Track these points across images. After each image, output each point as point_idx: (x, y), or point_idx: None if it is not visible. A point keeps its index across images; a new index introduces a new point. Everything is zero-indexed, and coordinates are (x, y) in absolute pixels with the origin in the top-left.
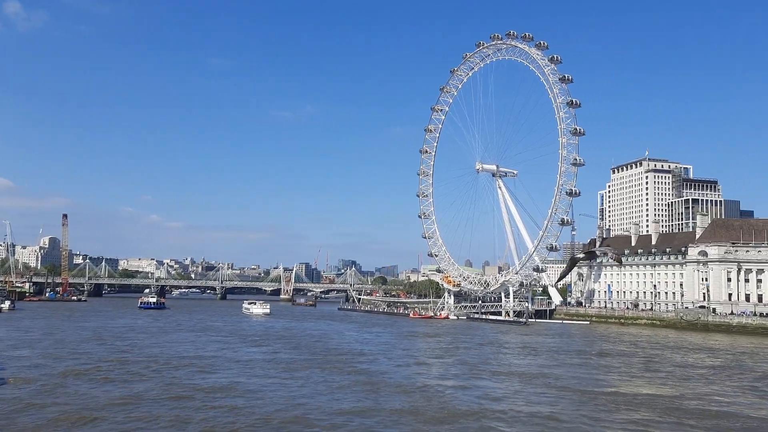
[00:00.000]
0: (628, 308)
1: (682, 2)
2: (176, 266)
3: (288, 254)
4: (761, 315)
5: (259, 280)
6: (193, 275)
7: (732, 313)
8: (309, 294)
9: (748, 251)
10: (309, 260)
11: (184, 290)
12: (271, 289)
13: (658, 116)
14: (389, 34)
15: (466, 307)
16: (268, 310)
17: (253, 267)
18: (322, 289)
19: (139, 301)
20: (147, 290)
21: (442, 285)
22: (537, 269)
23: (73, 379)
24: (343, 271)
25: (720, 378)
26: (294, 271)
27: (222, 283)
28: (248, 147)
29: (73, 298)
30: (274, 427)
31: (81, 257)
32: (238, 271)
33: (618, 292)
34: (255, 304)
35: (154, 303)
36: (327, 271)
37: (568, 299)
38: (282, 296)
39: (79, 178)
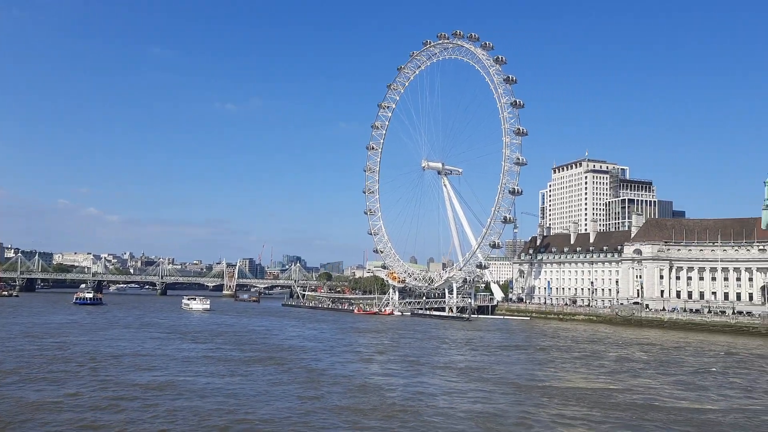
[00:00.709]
0: (566, 304)
1: (622, 4)
2: (114, 261)
3: (231, 249)
4: (690, 311)
5: (201, 276)
6: (132, 270)
7: (664, 309)
8: (252, 290)
9: (679, 250)
10: (253, 256)
11: (122, 286)
12: (214, 284)
13: (599, 117)
14: (338, 30)
15: (410, 303)
16: (208, 306)
17: (194, 262)
18: (266, 285)
19: (75, 296)
20: (83, 285)
21: (387, 281)
22: (480, 266)
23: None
24: (287, 266)
25: (648, 371)
26: (237, 267)
27: (162, 278)
28: (190, 139)
29: (3, 293)
30: (213, 426)
31: (12, 251)
32: (179, 267)
33: (557, 288)
34: (195, 299)
35: (90, 299)
36: (271, 266)
37: (510, 295)
38: (225, 292)
39: (10, 169)
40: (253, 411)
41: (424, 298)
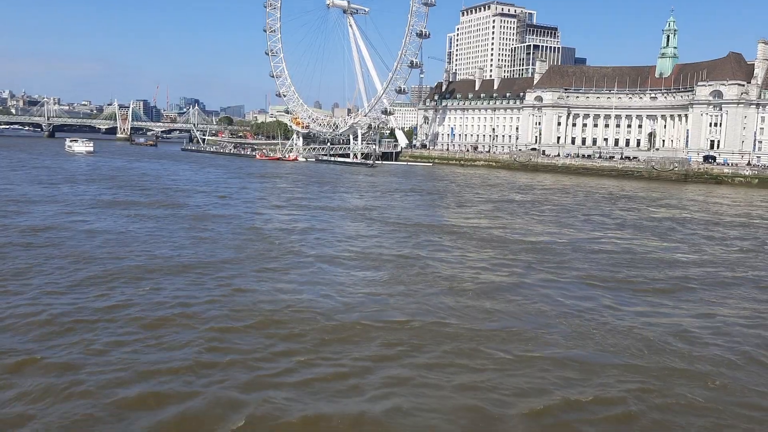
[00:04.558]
0: (468, 151)
1: None
2: None
3: (123, 90)
4: (583, 156)
5: (91, 118)
6: (13, 111)
7: (559, 155)
8: (149, 133)
9: (578, 97)
10: (147, 97)
11: (3, 127)
12: (107, 127)
13: None
14: None
15: (314, 149)
16: (91, 148)
17: (83, 103)
18: (164, 129)
19: None
20: None
21: (291, 127)
22: (385, 112)
23: None
24: (185, 110)
25: (528, 211)
26: (131, 109)
27: (49, 119)
28: None
29: None
30: (92, 260)
31: None
32: (67, 107)
33: (461, 135)
34: (77, 141)
35: None
36: (168, 109)
37: (414, 142)
38: (119, 135)
39: None
40: (133, 249)
41: (329, 144)
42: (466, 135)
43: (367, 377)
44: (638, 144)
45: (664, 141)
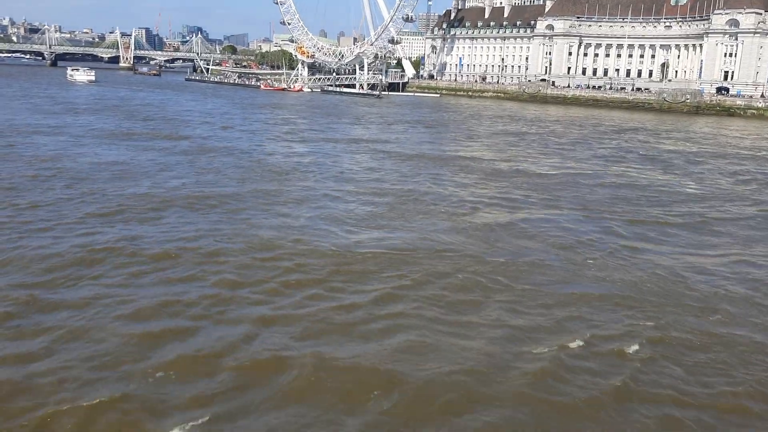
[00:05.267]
0: (476, 82)
1: None
2: None
3: (125, 17)
4: (594, 88)
5: (93, 46)
6: (15, 39)
7: (568, 87)
8: (152, 62)
9: (590, 26)
10: (149, 25)
11: (5, 56)
12: (109, 56)
13: None
14: None
15: (320, 79)
16: (93, 77)
17: (85, 30)
18: (167, 58)
19: None
20: None
21: (296, 56)
22: (392, 41)
23: None
24: (188, 38)
25: (533, 143)
26: (133, 37)
27: (51, 48)
28: None
29: None
30: (98, 191)
31: None
32: (69, 35)
33: (469, 65)
34: (78, 70)
35: None
36: (171, 38)
37: (421, 72)
38: (122, 64)
39: None
40: (144, 184)
41: (335, 74)
42: (474, 65)
43: (372, 310)
44: (650, 75)
45: (677, 72)
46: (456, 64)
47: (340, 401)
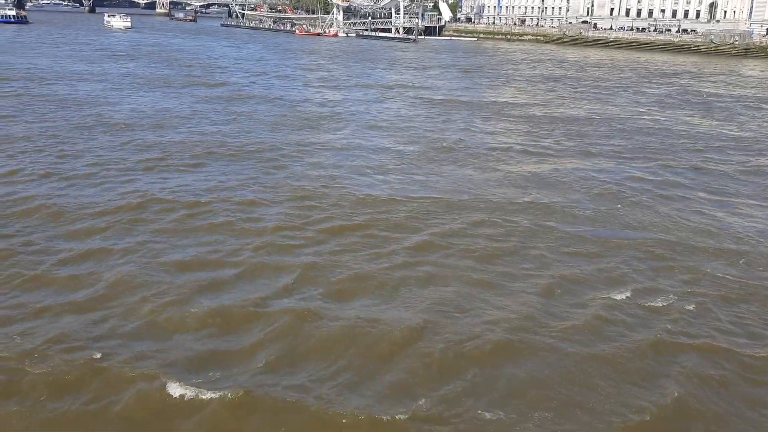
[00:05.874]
0: (515, 25)
1: None
2: None
3: None
4: (638, 29)
5: None
6: None
7: (611, 29)
8: (188, 8)
9: None
10: None
11: (44, 2)
12: (146, 1)
13: None
14: None
15: (355, 23)
16: (129, 23)
17: None
18: (203, 3)
19: None
20: (1, 1)
21: (331, 0)
22: None
23: None
24: None
25: (570, 88)
26: None
27: None
28: None
29: None
30: (142, 127)
31: None
32: None
33: (507, 7)
34: (115, 16)
35: (12, 16)
36: None
37: (458, 15)
38: (158, 10)
39: None
40: (173, 120)
41: (370, 18)
42: (513, 7)
43: (409, 259)
44: (698, 16)
45: (725, 12)
46: (494, 6)
47: (376, 353)
